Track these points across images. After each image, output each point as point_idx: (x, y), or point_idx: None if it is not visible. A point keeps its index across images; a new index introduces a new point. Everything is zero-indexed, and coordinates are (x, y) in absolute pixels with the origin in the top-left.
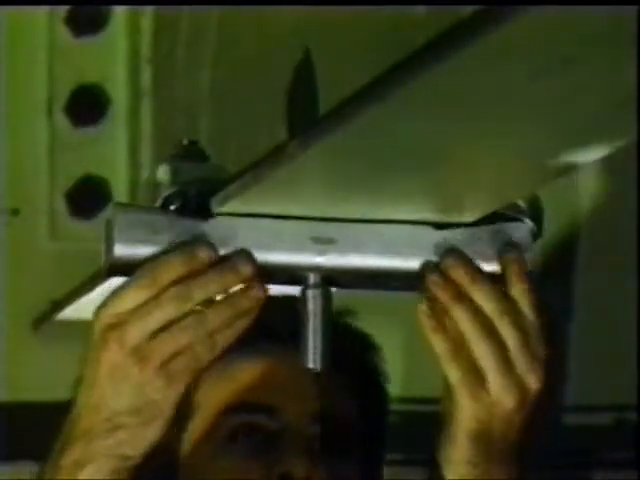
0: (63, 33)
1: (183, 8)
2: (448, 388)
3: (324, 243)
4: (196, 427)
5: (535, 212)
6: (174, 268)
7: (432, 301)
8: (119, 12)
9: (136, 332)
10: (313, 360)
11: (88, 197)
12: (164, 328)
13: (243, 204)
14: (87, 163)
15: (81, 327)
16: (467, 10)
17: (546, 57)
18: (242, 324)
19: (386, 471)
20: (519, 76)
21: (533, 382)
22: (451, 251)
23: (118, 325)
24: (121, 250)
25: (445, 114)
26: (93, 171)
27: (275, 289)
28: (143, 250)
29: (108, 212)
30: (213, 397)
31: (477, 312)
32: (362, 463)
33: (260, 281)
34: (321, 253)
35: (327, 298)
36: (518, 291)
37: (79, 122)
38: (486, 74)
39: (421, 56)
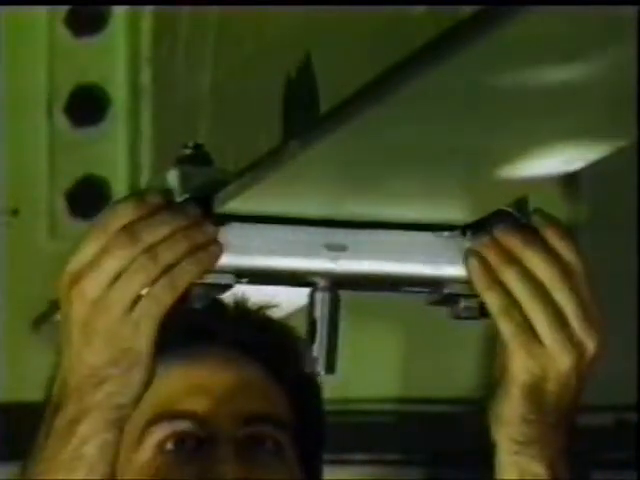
0: (63, 33)
1: (183, 8)
2: (502, 345)
3: (336, 250)
4: (122, 439)
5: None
6: (122, 215)
7: (482, 260)
8: (119, 12)
9: (93, 284)
10: (320, 363)
11: (88, 197)
12: (120, 275)
13: (243, 204)
14: (87, 163)
15: None
16: (467, 10)
17: (546, 56)
18: (203, 259)
19: (386, 471)
20: (519, 76)
21: (591, 344)
22: (504, 215)
23: (77, 280)
24: None
25: (445, 114)
26: (93, 171)
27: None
28: None
29: None
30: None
31: (529, 275)
32: (300, 461)
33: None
34: (333, 260)
35: (336, 301)
36: (566, 252)
37: (79, 122)
38: (486, 74)
39: (421, 56)
